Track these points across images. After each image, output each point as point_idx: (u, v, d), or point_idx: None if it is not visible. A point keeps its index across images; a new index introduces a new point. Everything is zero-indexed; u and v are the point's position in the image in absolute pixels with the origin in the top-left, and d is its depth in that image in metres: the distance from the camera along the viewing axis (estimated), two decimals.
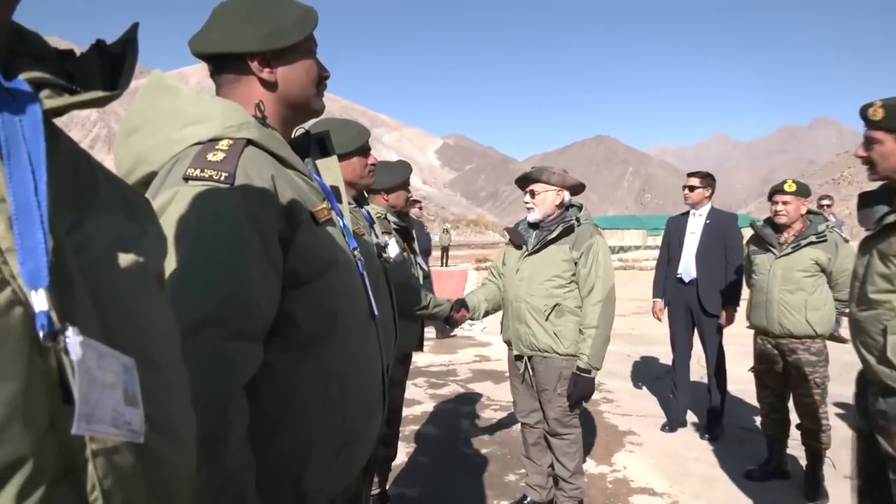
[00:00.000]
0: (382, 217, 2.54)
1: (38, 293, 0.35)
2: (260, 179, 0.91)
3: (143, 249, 0.49)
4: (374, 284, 1.65)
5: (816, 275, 3.14)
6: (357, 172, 2.10)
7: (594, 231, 2.72)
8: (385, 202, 2.75)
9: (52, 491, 0.36)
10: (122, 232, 0.48)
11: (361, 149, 2.10)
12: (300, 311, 0.94)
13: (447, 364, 6.46)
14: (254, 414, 0.87)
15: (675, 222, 4.31)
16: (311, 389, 0.97)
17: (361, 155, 2.11)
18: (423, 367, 6.28)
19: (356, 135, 2.08)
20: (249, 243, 0.86)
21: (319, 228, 1.00)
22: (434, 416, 4.56)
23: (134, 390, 0.40)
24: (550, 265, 2.68)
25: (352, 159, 2.08)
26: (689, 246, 4.12)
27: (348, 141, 2.05)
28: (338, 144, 1.92)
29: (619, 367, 6.13)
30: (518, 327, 2.76)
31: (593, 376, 2.60)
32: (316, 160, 1.24)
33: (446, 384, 5.58)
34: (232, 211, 0.86)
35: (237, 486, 0.81)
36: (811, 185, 3.64)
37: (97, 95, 0.44)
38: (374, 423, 1.13)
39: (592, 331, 2.57)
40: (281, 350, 0.93)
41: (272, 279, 0.89)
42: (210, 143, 0.92)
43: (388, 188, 2.74)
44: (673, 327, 4.24)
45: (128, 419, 0.38)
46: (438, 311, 2.69)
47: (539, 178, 2.75)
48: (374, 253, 1.87)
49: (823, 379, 3.14)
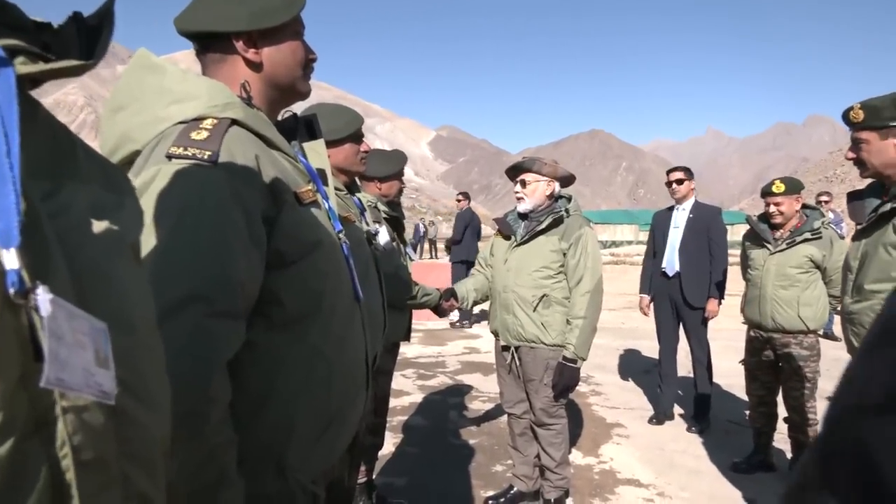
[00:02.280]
0: (373, 206, 2.54)
1: (9, 252, 0.36)
2: (244, 159, 0.91)
3: (119, 219, 0.50)
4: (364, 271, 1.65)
5: (810, 271, 3.17)
6: (349, 159, 2.09)
7: (583, 223, 2.74)
8: (378, 191, 2.74)
9: (22, 444, 0.36)
10: (99, 201, 0.49)
11: (354, 135, 2.08)
12: (285, 292, 0.95)
13: (436, 356, 6.48)
14: (237, 391, 0.88)
15: (661, 217, 4.34)
16: (295, 368, 0.97)
17: (354, 141, 2.09)
18: (413, 358, 6.30)
19: (349, 121, 2.07)
20: (233, 221, 0.86)
21: (304, 209, 1.00)
22: (422, 407, 4.58)
23: (106, 353, 0.41)
24: (539, 256, 2.69)
25: (344, 145, 2.06)
26: (672, 240, 4.15)
27: (341, 126, 2.03)
28: (330, 130, 1.93)
29: (608, 360, 6.17)
30: (506, 317, 2.77)
31: (579, 366, 2.62)
32: (303, 143, 1.24)
33: (435, 375, 5.60)
34: (215, 189, 0.86)
35: (218, 463, 0.82)
36: (804, 183, 3.66)
37: (72, 64, 0.44)
38: (358, 405, 1.14)
39: (580, 321, 2.59)
40: (265, 329, 0.94)
41: (256, 258, 0.90)
42: (194, 122, 0.92)
43: (383, 177, 2.73)
44: (658, 321, 4.26)
45: (99, 380, 0.39)
46: (427, 301, 2.69)
47: (530, 167, 2.76)
48: (363, 239, 1.86)
49: (814, 374, 3.18)
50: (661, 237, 4.23)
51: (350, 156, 2.09)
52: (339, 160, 2.04)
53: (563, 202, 2.80)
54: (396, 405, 4.53)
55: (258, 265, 0.91)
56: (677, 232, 4.13)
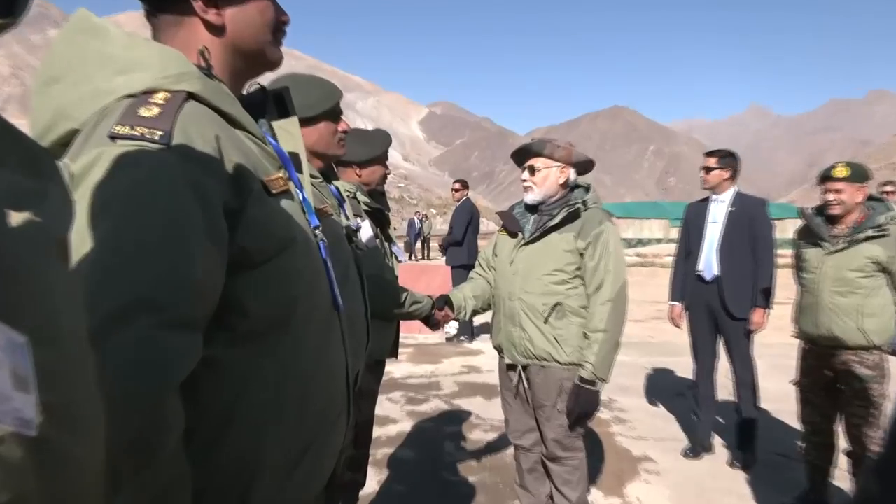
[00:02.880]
0: (352, 196, 2.54)
1: None
2: (202, 140, 0.91)
3: (43, 210, 0.49)
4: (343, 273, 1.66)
5: (874, 275, 3.14)
6: (325, 140, 2.07)
7: (604, 217, 2.72)
8: (357, 178, 2.74)
9: None
10: (15, 187, 0.48)
11: (331, 112, 2.07)
12: (250, 298, 0.96)
13: (429, 375, 6.48)
14: (193, 417, 0.88)
15: (695, 210, 4.33)
16: (262, 389, 0.98)
17: (331, 119, 2.08)
18: (400, 378, 6.30)
19: (325, 94, 2.05)
20: (188, 214, 0.86)
21: (274, 200, 1.01)
22: (412, 438, 4.58)
23: (26, 373, 0.40)
24: (551, 257, 2.68)
25: (319, 124, 2.04)
26: (710, 237, 4.14)
27: (315, 101, 2.02)
28: (303, 105, 1.89)
29: (634, 381, 6.19)
30: (511, 330, 2.76)
31: (598, 389, 2.61)
32: (273, 122, 1.24)
33: (427, 399, 5.60)
34: (167, 175, 0.86)
35: (170, 503, 0.81)
36: None
37: None
38: (338, 431, 1.14)
39: (599, 335, 2.58)
40: (227, 343, 0.95)
41: (215, 258, 0.90)
42: (143, 96, 0.92)
43: (362, 161, 2.73)
44: (694, 334, 4.26)
45: (16, 406, 0.38)
46: (416, 310, 2.69)
47: (540, 151, 2.75)
48: (342, 236, 1.85)
49: (880, 398, 3.15)
50: (696, 234, 4.23)
51: (326, 136, 2.07)
52: (313, 141, 2.03)
53: (580, 192, 2.79)
54: (381, 434, 4.52)
55: (219, 267, 0.91)
56: (715, 228, 4.13)
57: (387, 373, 4.04)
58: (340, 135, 2.13)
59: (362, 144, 2.73)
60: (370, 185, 2.77)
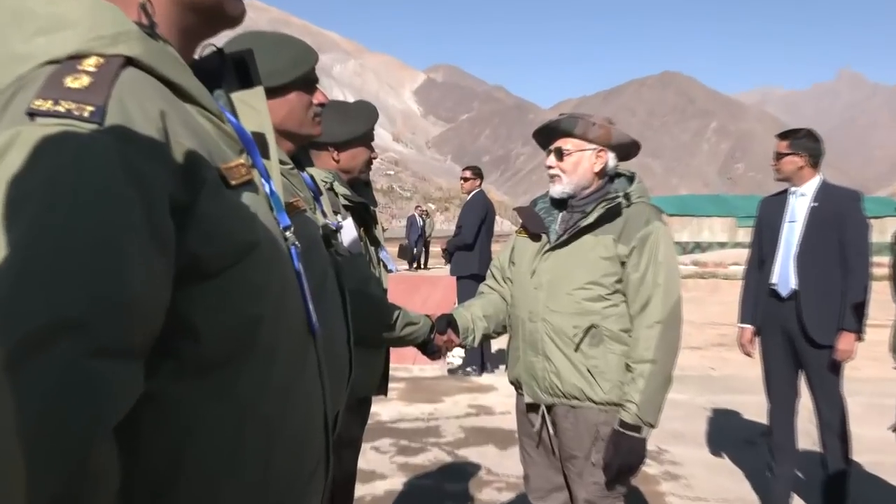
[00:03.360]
0: (328, 187, 2.55)
1: None
2: (143, 117, 0.91)
3: None
4: (319, 286, 1.67)
5: None
6: (296, 116, 2.08)
7: (652, 215, 2.70)
8: (335, 164, 2.75)
9: None
10: None
11: (304, 79, 2.07)
12: (202, 318, 0.95)
13: (426, 418, 6.47)
14: (130, 468, 0.88)
15: (769, 206, 4.34)
16: (217, 435, 0.98)
17: (304, 89, 2.08)
18: (390, 421, 6.28)
19: (296, 57, 2.05)
20: (125, 212, 0.86)
21: (233, 193, 1.01)
22: (405, 498, 4.56)
23: None
24: (584, 265, 2.67)
25: (289, 95, 2.05)
26: (786, 242, 4.14)
27: (284, 66, 2.02)
28: (269, 72, 1.87)
29: (690, 425, 6.16)
30: (532, 360, 2.74)
31: (645, 436, 2.59)
32: (232, 93, 1.24)
33: (424, 449, 5.58)
34: (99, 162, 0.85)
35: None
36: None
37: None
38: (313, 491, 1.15)
39: (646, 367, 2.57)
40: (173, 375, 0.94)
41: (159, 267, 0.89)
42: (70, 62, 0.92)
43: (341, 143, 2.73)
44: (767, 366, 4.26)
45: None
46: (411, 334, 2.67)
47: (571, 130, 2.73)
48: (318, 238, 1.86)
49: None
50: (771, 237, 4.21)
51: (298, 111, 2.08)
52: (282, 117, 2.03)
53: (622, 183, 2.78)
54: (366, 494, 4.51)
55: (163, 278, 0.90)
56: (793, 229, 4.12)
57: (373, 414, 4.03)
58: (316, 109, 2.13)
59: (341, 121, 2.73)
60: (351, 172, 2.78)
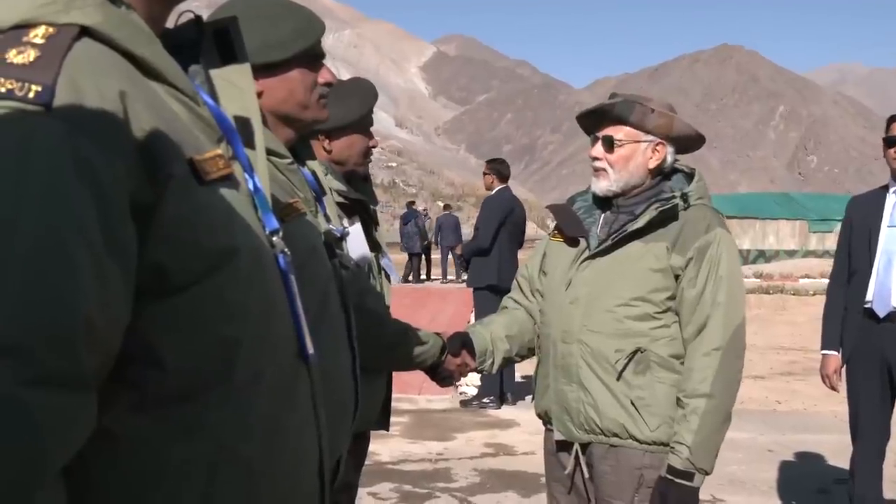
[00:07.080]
0: None
1: None
2: (99, 99, 0.91)
3: None
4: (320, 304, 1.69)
5: None
6: (298, 97, 2.01)
7: (714, 220, 2.68)
8: (326, 154, 2.79)
9: None
10: None
11: (308, 54, 2.00)
12: (168, 342, 0.97)
13: (434, 458, 6.44)
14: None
15: (862, 207, 4.31)
16: (185, 480, 0.98)
17: (307, 66, 2.01)
18: (391, 462, 6.27)
19: (299, 27, 1.98)
20: (75, 213, 0.86)
21: (206, 191, 1.01)
22: None
23: None
24: (630, 278, 2.65)
25: (289, 72, 1.98)
26: (886, 251, 4.04)
27: (284, 38, 1.95)
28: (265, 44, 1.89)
29: (751, 470, 6.12)
30: (565, 390, 2.72)
31: (698, 485, 2.57)
32: (212, 70, 1.26)
33: (432, 495, 5.58)
34: (46, 153, 0.86)
35: None
36: None
37: None
38: None
39: (701, 402, 2.54)
40: (133, 409, 0.95)
41: (116, 281, 0.90)
42: (14, 33, 0.93)
43: (334, 129, 2.76)
44: (856, 399, 4.17)
45: None
46: (418, 356, 2.64)
47: (625, 116, 2.67)
48: (319, 247, 1.87)
49: None
50: (864, 245, 4.13)
51: (299, 91, 2.01)
52: (281, 99, 1.98)
53: (679, 181, 2.76)
54: None
55: (121, 293, 0.91)
56: (894, 235, 3.96)
57: (372, 453, 4.06)
58: (322, 89, 2.07)
59: (334, 103, 2.71)
60: (346, 164, 2.86)
